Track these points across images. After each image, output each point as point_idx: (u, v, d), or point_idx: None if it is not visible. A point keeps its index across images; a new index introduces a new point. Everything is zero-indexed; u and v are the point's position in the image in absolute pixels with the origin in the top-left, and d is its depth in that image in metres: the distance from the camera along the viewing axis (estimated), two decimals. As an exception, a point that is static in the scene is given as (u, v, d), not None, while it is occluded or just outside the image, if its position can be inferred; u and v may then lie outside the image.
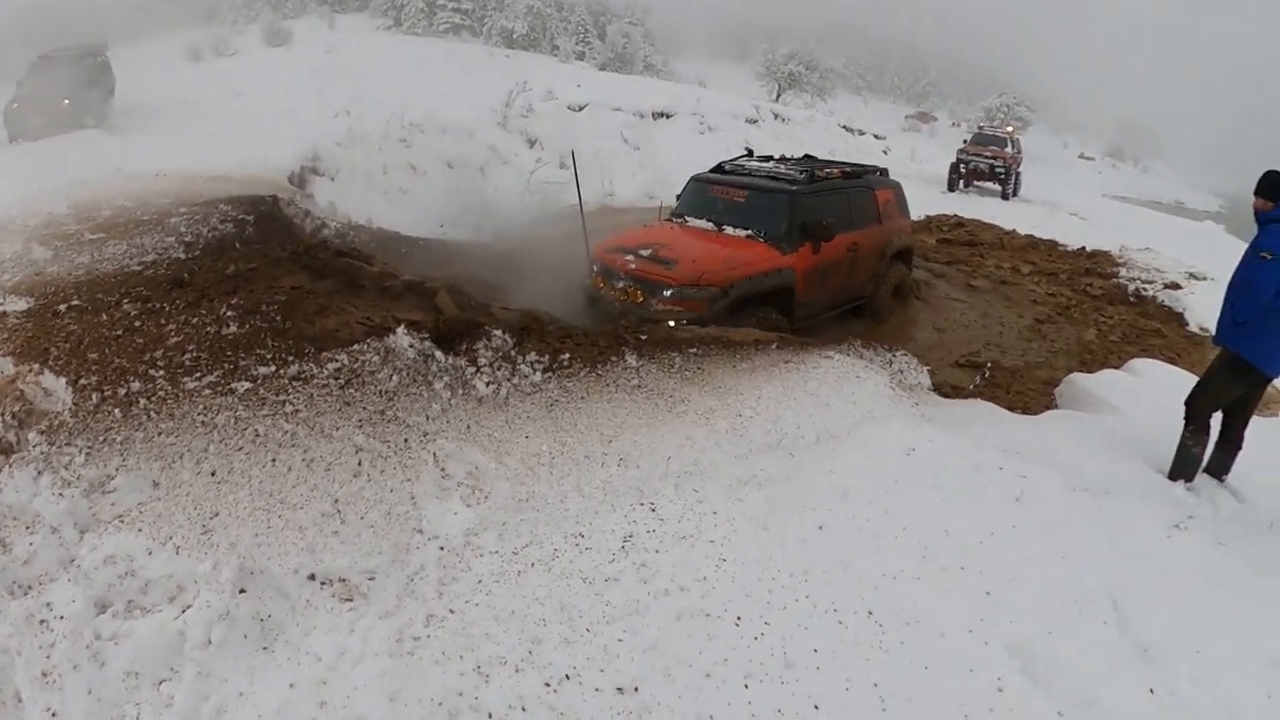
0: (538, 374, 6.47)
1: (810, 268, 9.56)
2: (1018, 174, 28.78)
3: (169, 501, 4.65)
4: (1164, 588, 4.53)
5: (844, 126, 35.57)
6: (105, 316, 6.56)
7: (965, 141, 30.63)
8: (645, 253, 9.00)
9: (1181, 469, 6.10)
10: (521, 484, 5.21)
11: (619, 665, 3.75)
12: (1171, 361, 9.73)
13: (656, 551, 4.56)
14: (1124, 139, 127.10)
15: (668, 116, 24.17)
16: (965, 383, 9.00)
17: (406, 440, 5.39)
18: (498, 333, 6.75)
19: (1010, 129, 34.37)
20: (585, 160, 19.86)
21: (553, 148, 20.48)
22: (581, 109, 23.28)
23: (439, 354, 6.36)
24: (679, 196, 11.07)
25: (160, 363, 5.84)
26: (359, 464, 5.07)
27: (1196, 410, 6.10)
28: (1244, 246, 5.88)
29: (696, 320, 8.31)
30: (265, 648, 3.82)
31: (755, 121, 26.71)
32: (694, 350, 7.35)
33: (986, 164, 28.05)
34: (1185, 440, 6.11)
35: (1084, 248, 17.51)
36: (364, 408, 5.61)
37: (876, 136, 37.70)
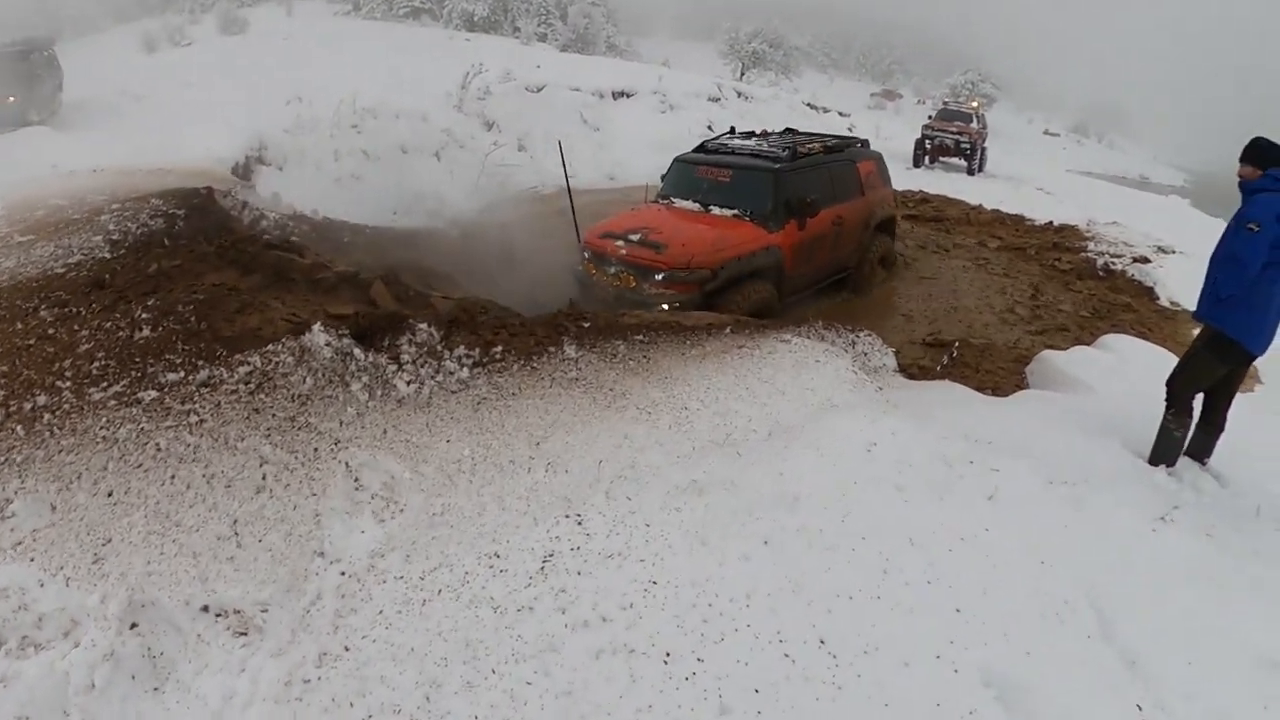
0: (465, 370, 6.08)
1: (797, 244, 9.68)
2: (983, 149, 28.57)
3: (63, 527, 4.33)
4: (1150, 589, 4.19)
5: (808, 104, 35.24)
6: (20, 325, 6.15)
7: (930, 117, 30.47)
8: (635, 237, 9.06)
9: (1163, 453, 5.81)
10: (437, 495, 4.82)
11: (526, 714, 3.32)
12: (1143, 336, 9.53)
13: (579, 574, 4.11)
14: (1089, 116, 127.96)
15: (628, 96, 23.71)
16: (934, 363, 8.69)
17: (316, 449, 5.00)
18: (423, 326, 6.34)
19: (975, 104, 34.16)
20: (540, 142, 19.61)
21: (510, 130, 20.17)
22: (539, 90, 22.77)
23: (358, 352, 5.94)
24: (664, 178, 11.10)
25: (68, 373, 5.48)
26: (263, 478, 4.70)
27: (1178, 391, 5.80)
28: (1211, 221, 5.63)
29: (689, 302, 8.49)
30: (155, 689, 3.47)
31: (718, 100, 26.31)
32: (640, 337, 6.99)
33: (952, 139, 27.77)
34: (1167, 423, 5.80)
35: (1051, 222, 17.29)
36: (273, 414, 5.21)
37: (841, 114, 37.38)
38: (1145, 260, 13.59)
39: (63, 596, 3.85)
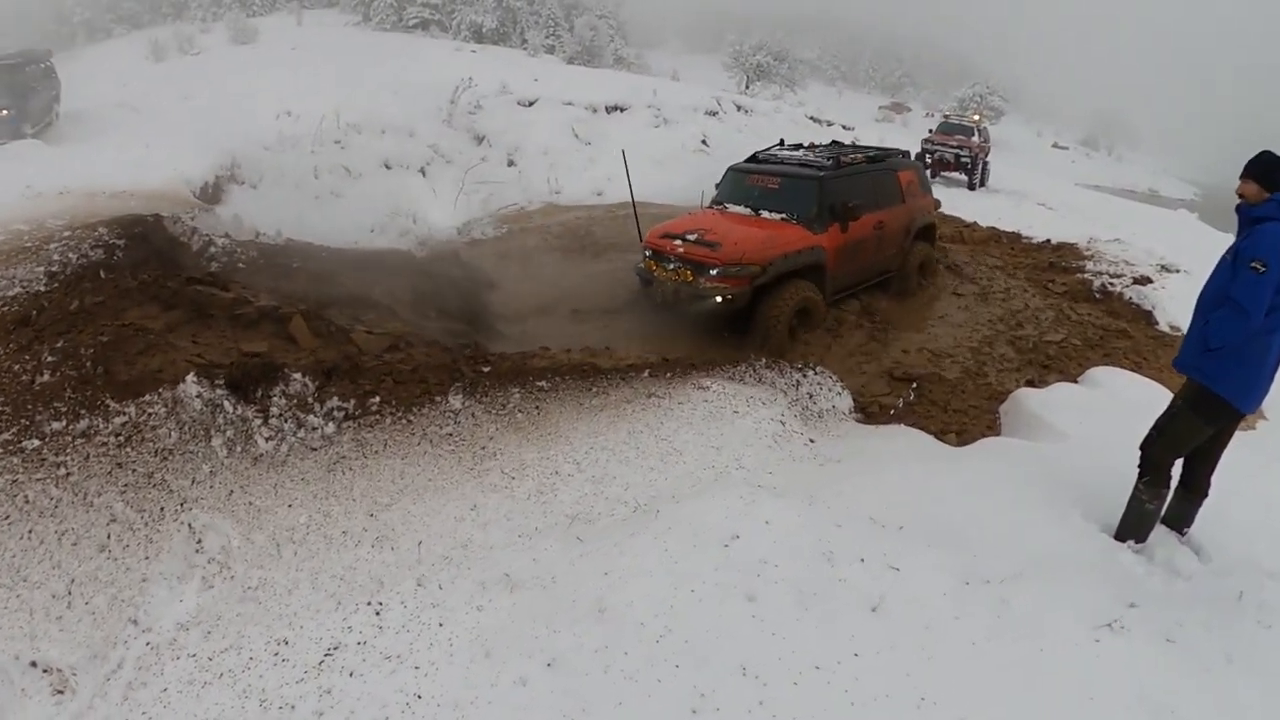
0: (333, 425, 5.80)
1: (839, 245, 10.42)
2: (985, 163, 28.15)
3: None
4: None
5: (812, 117, 34.85)
6: None
7: (931, 131, 30.08)
8: (692, 237, 9.84)
9: (1131, 528, 5.07)
10: (259, 567, 4.63)
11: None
12: (1137, 367, 9.05)
13: (351, 674, 3.84)
14: (1098, 128, 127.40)
15: (621, 110, 23.30)
16: (898, 399, 8.17)
17: (163, 509, 4.85)
18: (297, 376, 6.03)
19: (977, 118, 33.79)
20: (530, 157, 19.31)
21: (500, 144, 19.85)
22: (532, 104, 22.44)
23: (228, 404, 5.67)
24: (718, 185, 11.78)
25: None
26: (108, 537, 4.62)
27: (1154, 458, 4.98)
28: (1220, 237, 4.82)
29: (740, 295, 9.28)
30: None
31: (715, 114, 25.89)
32: (542, 384, 6.65)
33: (952, 154, 27.31)
34: (1138, 493, 5.03)
35: (1049, 240, 16.83)
36: (134, 470, 5.04)
37: (845, 127, 36.95)
38: (1146, 281, 13.06)
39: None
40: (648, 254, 10.27)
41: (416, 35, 60.79)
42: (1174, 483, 5.09)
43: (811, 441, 6.49)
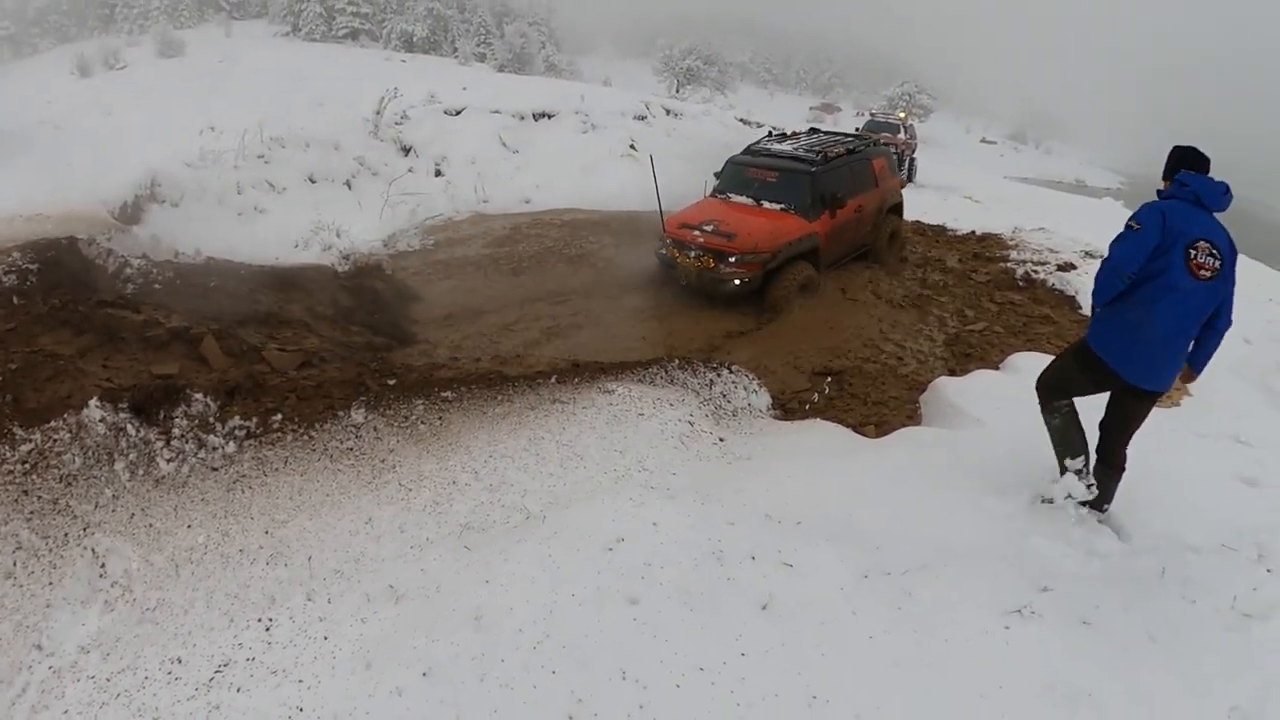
0: (233, 444, 5.79)
1: (829, 230, 12.06)
2: (912, 159, 28.57)
3: None
4: (983, 723, 3.41)
5: (742, 119, 35.04)
6: None
7: (858, 130, 30.35)
8: (709, 228, 11.31)
9: (1056, 449, 5.32)
10: (157, 588, 4.66)
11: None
12: (1058, 352, 9.15)
13: (239, 690, 3.89)
14: (1026, 123, 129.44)
15: (549, 117, 23.20)
16: (810, 396, 8.23)
17: (67, 535, 4.88)
18: (199, 396, 6.02)
19: (902, 115, 34.27)
20: (457, 167, 19.22)
21: (427, 155, 19.68)
22: (459, 113, 22.31)
23: (131, 427, 5.66)
24: (718, 175, 13.33)
25: None
26: (13, 565, 4.66)
27: (1038, 385, 5.37)
28: None
29: (754, 279, 10.90)
30: None
31: (644, 118, 25.91)
32: (447, 394, 6.65)
33: (879, 151, 27.53)
34: (1045, 421, 5.35)
35: (974, 231, 17.08)
36: (39, 497, 5.05)
37: (774, 130, 37.29)
38: (1070, 267, 13.36)
39: None
40: (669, 242, 11.63)
41: (346, 45, 60.27)
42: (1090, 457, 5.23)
43: (721, 440, 6.51)
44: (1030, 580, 4.35)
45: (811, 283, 11.48)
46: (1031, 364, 8.01)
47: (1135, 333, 4.77)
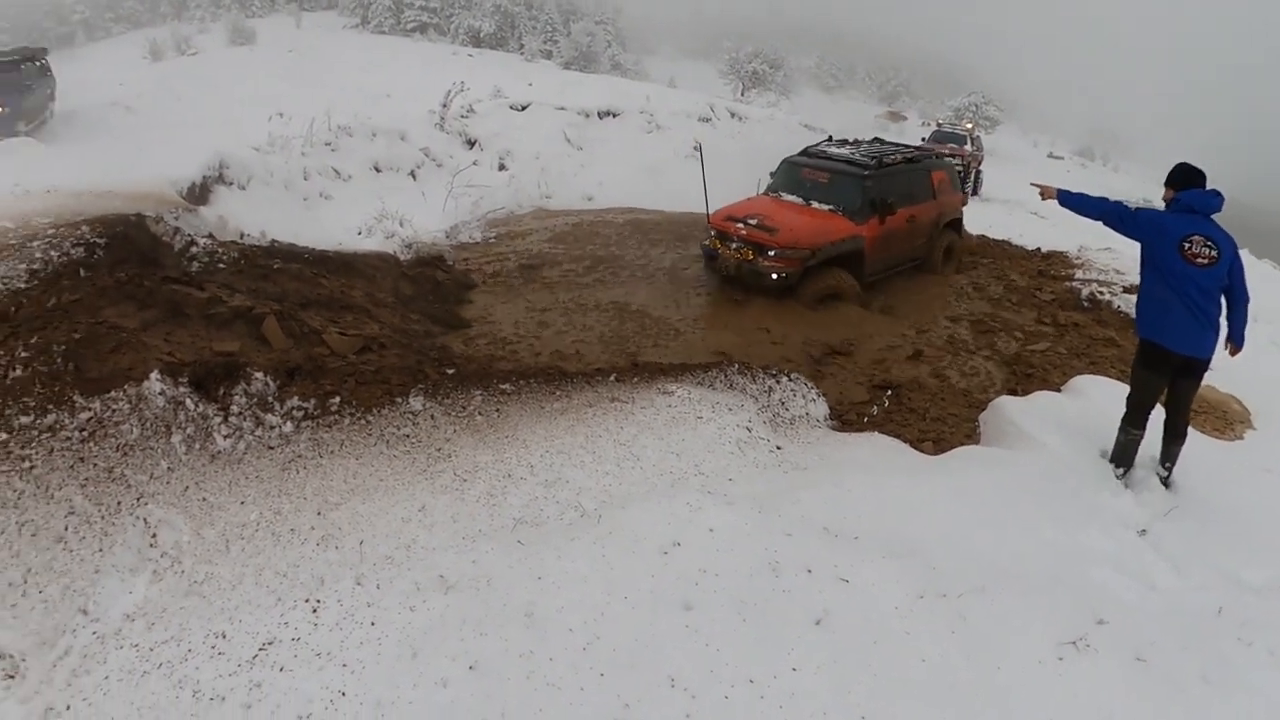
0: (291, 424, 5.84)
1: (876, 235, 11.88)
2: (978, 172, 28.09)
3: None
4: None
5: (805, 124, 34.86)
6: None
7: (924, 140, 30.01)
8: (753, 221, 11.30)
9: (1115, 455, 6.31)
10: (207, 561, 4.68)
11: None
12: (1123, 376, 8.90)
13: (282, 669, 3.86)
14: (1094, 139, 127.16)
15: (614, 115, 23.25)
16: (870, 409, 8.04)
17: (120, 503, 4.91)
18: (259, 375, 6.07)
19: (970, 126, 33.72)
20: (522, 162, 19.30)
21: (492, 148, 19.87)
22: (524, 109, 22.42)
23: (190, 401, 5.71)
24: (773, 174, 13.31)
25: None
26: (65, 529, 4.68)
27: (1127, 403, 6.25)
28: None
29: (792, 274, 10.89)
30: None
31: (709, 120, 25.85)
32: (506, 386, 6.64)
33: (945, 163, 27.08)
34: (1120, 429, 6.26)
35: (1039, 249, 16.77)
36: (95, 464, 5.10)
37: (833, 136, 37.02)
38: (1135, 290, 13.00)
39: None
40: (713, 233, 11.78)
41: (414, 38, 60.85)
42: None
43: (778, 449, 6.42)
44: (1087, 611, 4.26)
45: (848, 287, 11.44)
46: (1094, 388, 7.87)
47: (1165, 310, 5.90)
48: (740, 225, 11.32)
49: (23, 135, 17.22)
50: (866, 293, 11.91)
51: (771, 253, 10.92)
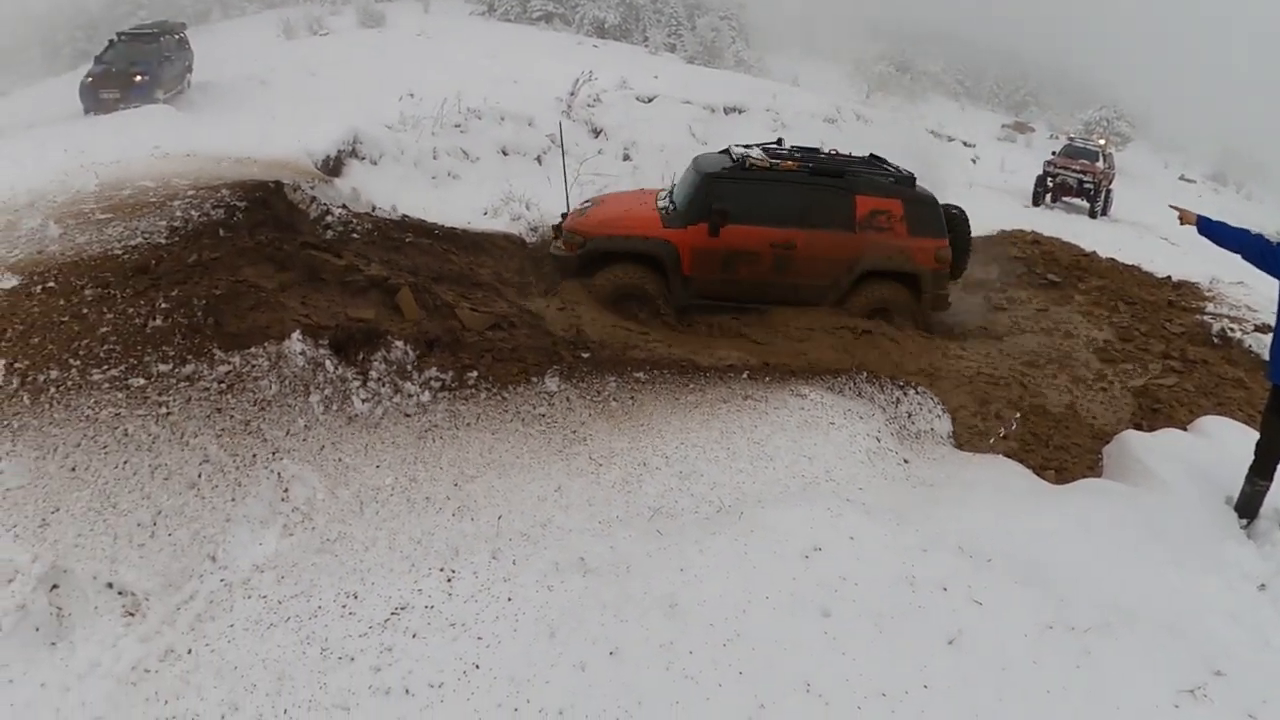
0: (428, 394, 6.00)
1: (703, 248, 9.86)
2: (1109, 191, 27.03)
3: (31, 490, 4.61)
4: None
5: (932, 131, 34.31)
6: (64, 301, 6.25)
7: (1054, 154, 29.04)
8: (587, 205, 11.04)
9: (1241, 507, 5.82)
10: (340, 521, 4.80)
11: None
12: (1250, 420, 8.42)
13: (414, 636, 3.90)
14: (1228, 163, 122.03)
15: (740, 112, 23.27)
16: (997, 429, 7.84)
17: (255, 456, 5.09)
18: (399, 344, 6.23)
19: (1103, 142, 32.47)
20: (646, 152, 19.41)
21: (617, 138, 20.10)
22: (650, 100, 22.54)
23: (329, 364, 5.91)
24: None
25: (82, 352, 5.62)
26: (199, 476, 4.86)
27: (1256, 452, 5.71)
28: None
29: (568, 260, 10.10)
30: (52, 644, 3.80)
31: (834, 121, 25.66)
32: (640, 374, 6.70)
33: (1075, 178, 26.07)
34: (1246, 478, 5.77)
35: (1170, 277, 16.08)
36: (232, 416, 5.32)
37: (966, 144, 36.32)
38: (1268, 329, 12.36)
39: (8, 550, 4.17)
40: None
41: (540, 27, 61.57)
42: None
43: (906, 462, 6.35)
44: (1205, 660, 4.15)
45: (638, 294, 9.82)
46: (1222, 430, 7.54)
47: None
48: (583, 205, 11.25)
49: (161, 102, 18.12)
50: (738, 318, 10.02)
51: (562, 236, 10.49)
